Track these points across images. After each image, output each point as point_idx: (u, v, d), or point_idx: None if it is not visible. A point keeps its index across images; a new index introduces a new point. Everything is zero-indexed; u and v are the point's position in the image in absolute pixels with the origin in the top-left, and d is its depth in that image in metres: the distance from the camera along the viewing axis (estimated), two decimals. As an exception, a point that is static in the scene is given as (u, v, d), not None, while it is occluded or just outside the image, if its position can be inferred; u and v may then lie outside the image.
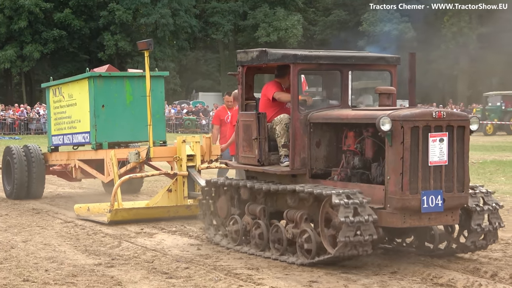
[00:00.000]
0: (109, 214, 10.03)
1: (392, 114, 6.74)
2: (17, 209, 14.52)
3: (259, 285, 8.25)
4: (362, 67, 8.73)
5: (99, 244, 10.74)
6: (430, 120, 6.79)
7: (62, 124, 13.25)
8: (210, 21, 63.34)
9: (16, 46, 55.32)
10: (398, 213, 6.81)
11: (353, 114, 7.67)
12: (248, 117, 8.40)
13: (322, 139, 8.07)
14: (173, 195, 10.92)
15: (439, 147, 6.86)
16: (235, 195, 8.85)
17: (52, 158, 13.78)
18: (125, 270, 8.89)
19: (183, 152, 10.81)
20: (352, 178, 7.63)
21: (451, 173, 6.93)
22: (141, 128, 11.86)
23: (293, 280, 8.59)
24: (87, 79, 11.74)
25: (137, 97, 11.96)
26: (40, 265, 8.96)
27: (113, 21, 57.15)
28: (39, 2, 54.50)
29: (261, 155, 8.20)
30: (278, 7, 60.86)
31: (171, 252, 10.06)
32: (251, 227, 8.35)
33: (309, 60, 8.03)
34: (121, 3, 56.49)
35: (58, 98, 13.26)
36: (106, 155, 11.77)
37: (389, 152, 6.85)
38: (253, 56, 8.48)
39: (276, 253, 7.81)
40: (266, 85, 8.63)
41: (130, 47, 56.90)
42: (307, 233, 7.40)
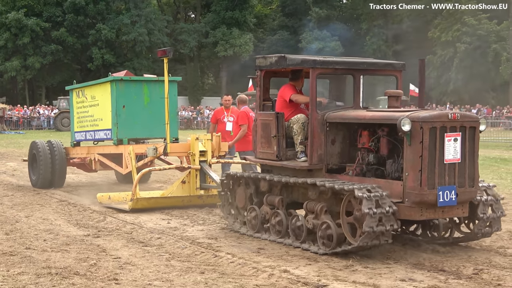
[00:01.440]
0: (130, 202, 10.04)
1: (411, 116, 6.62)
2: (21, 190, 14.80)
3: (218, 251, 8.59)
4: (373, 72, 8.66)
5: (88, 218, 11.09)
6: (446, 121, 6.71)
7: (84, 122, 13.20)
8: (179, 38, 69.44)
9: (20, 58, 60.12)
10: (416, 207, 6.65)
11: (371, 115, 7.51)
12: (267, 117, 8.25)
13: (337, 137, 7.86)
14: (186, 186, 10.81)
15: (453, 146, 6.74)
16: (253, 187, 8.60)
17: (72, 152, 13.84)
18: (109, 239, 9.30)
19: (196, 148, 10.69)
20: (367, 173, 7.43)
21: (463, 170, 6.83)
22: (157, 126, 11.88)
23: (245, 247, 8.96)
24: (109, 83, 11.79)
25: (154, 98, 11.94)
26: (39, 235, 9.35)
27: (100, 38, 62.71)
28: (39, 22, 59.84)
29: (280, 151, 7.98)
30: (234, 28, 67.23)
31: (146, 225, 10.42)
32: (270, 216, 8.15)
33: (326, 65, 7.88)
34: (106, 24, 62.72)
35: (81, 99, 13.26)
36: (125, 150, 11.67)
37: (408, 151, 6.67)
38: (272, 61, 8.28)
39: (296, 241, 7.61)
40: (282, 88, 8.45)
41: (114, 59, 63.71)
42: (328, 224, 7.19)
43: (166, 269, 7.54)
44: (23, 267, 7.39)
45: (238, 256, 8.27)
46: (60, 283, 6.70)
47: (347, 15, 70.54)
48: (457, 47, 57.43)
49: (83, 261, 7.77)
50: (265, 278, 7.15)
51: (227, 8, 67.94)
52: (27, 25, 57.73)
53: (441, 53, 60.54)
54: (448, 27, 60.96)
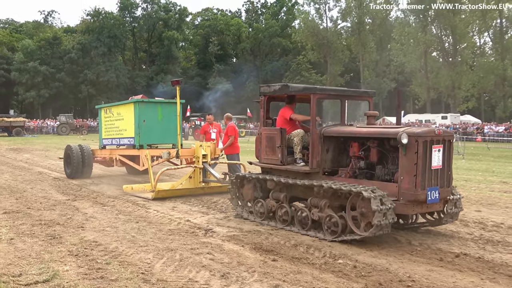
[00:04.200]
0: (153, 193, 10.22)
1: (408, 131, 6.39)
2: (30, 171, 16.43)
3: (148, 209, 9.41)
4: (354, 97, 8.34)
5: (69, 189, 12.32)
6: (433, 136, 6.45)
7: (110, 131, 13.46)
8: (135, 80, 79.50)
9: (36, 90, 71.50)
10: (410, 204, 6.41)
11: (366, 131, 7.17)
12: (271, 131, 7.91)
13: (330, 147, 7.53)
14: (192, 180, 10.98)
15: (438, 155, 6.49)
16: (259, 185, 8.29)
17: (97, 153, 14.25)
18: (82, 202, 10.30)
19: (199, 152, 10.73)
20: (359, 176, 7.23)
21: (443, 174, 6.67)
22: (167, 135, 12.27)
23: (165, 206, 9.68)
24: (133, 104, 12.19)
25: (165, 115, 12.19)
26: (37, 200, 10.26)
27: (86, 79, 74.11)
28: (48, 69, 71.60)
29: (283, 158, 7.67)
30: (168, 74, 76.52)
31: (106, 193, 11.52)
32: (276, 208, 7.82)
33: (323, 91, 7.72)
34: (90, 70, 73.66)
35: (108, 115, 13.53)
36: (141, 152, 11.75)
37: (403, 159, 6.37)
38: (276, 89, 7.91)
39: (302, 229, 7.27)
40: (282, 109, 8.23)
41: (95, 92, 74.33)
42: (333, 217, 6.85)
43: (115, 220, 8.40)
44: (23, 220, 8.26)
45: (160, 212, 9.26)
46: (46, 229, 7.57)
47: (235, 68, 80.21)
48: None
49: (63, 216, 8.69)
50: (175, 224, 8.12)
51: (164, 63, 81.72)
52: (40, 70, 70.76)
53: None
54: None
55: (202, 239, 6.98)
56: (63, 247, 6.38)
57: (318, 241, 7.05)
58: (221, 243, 6.79)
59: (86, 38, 75.10)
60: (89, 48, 74.76)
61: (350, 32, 65.11)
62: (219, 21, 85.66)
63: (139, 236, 7.09)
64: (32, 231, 7.23)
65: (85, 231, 7.35)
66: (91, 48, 74.66)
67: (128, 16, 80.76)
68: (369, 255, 6.33)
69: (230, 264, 5.76)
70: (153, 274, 5.30)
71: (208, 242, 6.83)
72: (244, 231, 7.52)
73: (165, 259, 5.90)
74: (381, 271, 5.57)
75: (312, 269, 5.66)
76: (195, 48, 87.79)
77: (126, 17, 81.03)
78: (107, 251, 6.22)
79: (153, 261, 5.78)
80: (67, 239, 6.81)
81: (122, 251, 6.24)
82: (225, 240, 6.98)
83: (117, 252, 6.18)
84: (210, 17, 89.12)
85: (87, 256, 5.96)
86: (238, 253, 6.28)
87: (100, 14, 76.89)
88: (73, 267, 5.53)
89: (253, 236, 7.19)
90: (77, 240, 6.79)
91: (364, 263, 5.88)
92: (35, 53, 71.93)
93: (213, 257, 6.00)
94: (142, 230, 7.45)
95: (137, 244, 6.58)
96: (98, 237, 6.96)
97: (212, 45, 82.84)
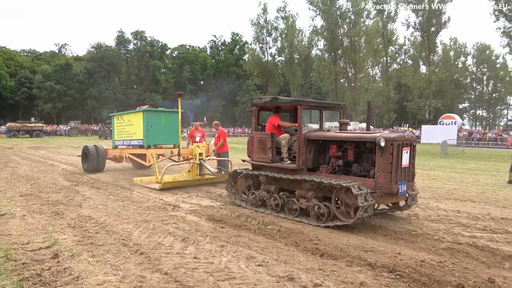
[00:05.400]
0: (159, 184, 9.27)
1: (384, 136, 5.81)
2: (44, 164, 15.44)
3: (132, 191, 9.07)
4: (330, 108, 7.47)
5: (73, 177, 11.70)
6: (403, 140, 5.84)
7: (122, 134, 12.34)
8: (128, 96, 73.34)
9: (52, 103, 68.04)
10: (384, 196, 5.82)
11: (345, 135, 6.44)
12: (263, 135, 7.19)
13: (312, 149, 6.83)
14: (190, 174, 10.09)
15: (406, 156, 5.89)
16: (252, 179, 7.56)
17: (110, 152, 13.01)
18: (82, 187, 9.78)
19: (196, 151, 9.84)
20: (338, 172, 6.53)
21: (410, 171, 6.08)
22: (170, 137, 11.35)
23: (145, 190, 9.14)
24: (142, 112, 11.17)
25: (168, 121, 11.21)
26: (47, 185, 9.72)
27: (91, 95, 69.91)
28: (61, 87, 67.40)
29: (273, 157, 7.00)
30: (153, 93, 74.28)
31: (102, 180, 10.98)
32: (267, 198, 7.07)
33: (307, 103, 6.95)
34: (94, 88, 69.60)
35: (120, 121, 12.43)
36: (148, 151, 10.80)
37: (380, 159, 5.75)
38: (266, 100, 7.20)
39: (291, 216, 6.49)
40: (271, 117, 7.44)
41: (97, 105, 70.09)
42: (319, 206, 6.16)
43: (106, 200, 8.10)
44: (35, 201, 7.85)
45: (141, 193, 8.99)
46: (52, 208, 7.22)
47: (202, 89, 78.08)
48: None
49: (66, 197, 8.28)
50: (152, 202, 7.89)
51: (150, 84, 76.36)
52: (55, 88, 67.39)
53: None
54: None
55: (170, 213, 6.84)
56: (64, 221, 6.14)
57: (255, 212, 7.03)
58: (184, 215, 6.69)
59: (91, 64, 72.23)
60: (93, 72, 71.77)
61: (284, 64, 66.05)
62: (190, 54, 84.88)
63: (123, 211, 6.89)
64: (41, 209, 6.92)
65: (82, 208, 7.08)
66: (94, 72, 71.70)
67: (123, 49, 77.90)
68: (290, 222, 6.36)
69: (189, 231, 5.69)
70: (131, 240, 5.18)
71: (174, 215, 6.71)
72: (202, 206, 7.42)
73: (141, 228, 5.76)
74: (298, 234, 5.63)
75: (249, 233, 5.66)
76: (173, 73, 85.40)
77: (121, 49, 77.75)
78: (97, 223, 6.02)
79: (132, 230, 5.64)
80: (67, 215, 6.56)
81: (109, 223, 6.06)
82: (187, 213, 6.87)
83: (105, 224, 5.99)
84: (184, 50, 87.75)
85: (82, 228, 5.76)
86: (196, 222, 6.20)
87: (101, 47, 74.08)
88: (70, 236, 5.33)
89: (208, 210, 7.11)
90: (75, 215, 6.54)
91: (286, 228, 5.92)
92: (51, 76, 68.91)
93: (177, 226, 5.92)
94: (126, 207, 7.24)
95: (121, 218, 6.40)
96: (92, 213, 6.72)
97: (185, 71, 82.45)
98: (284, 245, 5.06)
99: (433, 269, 4.32)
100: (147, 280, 3.94)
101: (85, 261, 4.42)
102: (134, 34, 77.03)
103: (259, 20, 65.62)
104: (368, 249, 4.97)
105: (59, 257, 4.52)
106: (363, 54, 56.93)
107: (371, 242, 5.28)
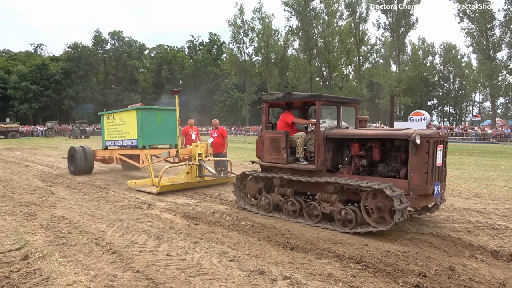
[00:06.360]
0: (157, 188, 8.43)
1: (420, 133, 5.22)
2: (18, 165, 14.79)
3: (108, 190, 8.89)
4: (347, 104, 6.61)
5: (48, 177, 11.25)
6: (438, 137, 5.25)
7: (113, 134, 11.25)
8: (106, 96, 71.79)
9: (28, 103, 65.37)
10: (419, 198, 5.21)
11: (372, 133, 5.78)
12: (276, 134, 6.47)
13: (330, 148, 6.15)
14: (189, 176, 9.28)
15: (440, 154, 5.36)
16: (263, 181, 6.77)
17: (98, 153, 12.01)
18: (57, 187, 9.55)
19: (195, 152, 9.07)
20: (361, 173, 5.92)
21: (442, 170, 5.52)
22: (165, 137, 10.33)
23: (122, 188, 8.96)
24: (136, 110, 10.12)
25: (164, 120, 10.23)
26: (21, 186, 9.40)
27: (68, 95, 67.26)
28: (38, 87, 65.05)
29: (288, 157, 6.32)
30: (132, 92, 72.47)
31: (77, 180, 10.59)
32: (283, 202, 6.33)
33: (326, 98, 6.10)
34: (71, 89, 67.16)
35: (111, 120, 11.30)
36: (141, 152, 9.90)
37: (414, 158, 5.17)
38: (279, 96, 6.47)
39: (312, 221, 5.83)
40: (283, 114, 6.70)
41: (74, 104, 67.55)
42: (345, 211, 5.48)
43: (81, 200, 7.88)
44: (7, 203, 7.56)
45: (117, 192, 8.79)
46: (24, 209, 6.97)
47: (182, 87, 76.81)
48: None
49: (40, 198, 8.03)
50: (127, 201, 7.73)
51: (128, 84, 74.16)
52: (31, 88, 65.02)
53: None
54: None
55: (145, 211, 6.74)
56: (36, 222, 5.94)
57: (230, 208, 6.94)
58: (159, 213, 6.60)
59: (68, 65, 69.86)
60: (70, 72, 69.48)
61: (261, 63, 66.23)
62: (168, 54, 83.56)
63: (98, 211, 6.73)
64: (13, 211, 6.65)
65: (56, 209, 6.86)
66: (71, 72, 69.41)
67: (100, 49, 76.16)
68: (263, 217, 6.38)
69: (164, 228, 5.62)
70: (104, 239, 5.07)
71: (149, 213, 6.62)
72: (177, 204, 7.32)
73: (115, 227, 5.65)
74: (270, 228, 5.63)
75: (223, 229, 5.64)
76: (151, 73, 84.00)
77: (99, 49, 76.01)
78: (71, 224, 5.85)
79: (106, 229, 5.52)
80: (40, 216, 6.35)
81: (83, 223, 5.91)
82: (162, 211, 6.79)
83: (79, 224, 5.83)
84: (162, 50, 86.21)
85: (55, 228, 5.59)
86: (171, 220, 6.14)
87: (78, 47, 71.87)
88: (42, 237, 5.16)
89: (183, 208, 7.02)
90: (48, 216, 6.34)
91: (259, 223, 5.93)
92: (27, 76, 66.12)
93: (152, 224, 5.84)
94: (101, 206, 7.07)
95: (95, 217, 6.25)
96: (66, 213, 6.53)
97: (164, 71, 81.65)
98: (257, 240, 5.07)
99: (397, 259, 4.39)
100: (118, 278, 3.86)
101: (56, 261, 4.31)
102: (112, 34, 75.42)
103: (236, 21, 65.51)
104: (337, 242, 5.03)
105: (29, 259, 4.38)
106: (336, 54, 57.65)
107: (341, 235, 5.34)
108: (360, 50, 58.83)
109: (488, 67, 46.71)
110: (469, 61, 70.88)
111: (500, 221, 6.04)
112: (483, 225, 5.87)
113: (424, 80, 68.13)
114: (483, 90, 62.56)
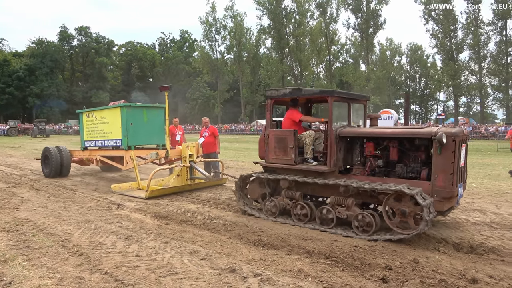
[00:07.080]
0: (146, 192, 7.85)
1: (446, 131, 4.82)
2: None
3: (75, 191, 8.57)
4: (356, 101, 6.05)
5: (11, 178, 10.82)
6: (462, 135, 4.91)
7: (93, 134, 10.28)
8: (73, 94, 70.38)
9: None
10: (443, 201, 4.82)
11: (391, 131, 5.34)
12: (282, 133, 5.98)
13: (342, 147, 5.71)
14: (180, 178, 8.79)
15: (463, 154, 5.05)
16: (267, 184, 6.32)
17: (75, 154, 11.11)
18: (20, 188, 9.23)
19: (186, 153, 8.61)
20: (377, 174, 5.53)
21: (465, 170, 5.23)
22: (152, 136, 9.53)
23: (89, 189, 8.86)
24: (120, 108, 9.24)
25: (150, 118, 9.43)
26: None
27: (32, 93, 65.09)
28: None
29: (296, 158, 5.83)
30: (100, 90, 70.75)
31: (42, 181, 10.23)
32: (291, 206, 5.89)
33: (338, 94, 5.61)
34: (36, 86, 65.21)
35: (91, 118, 10.31)
36: (126, 153, 9.09)
37: (438, 158, 4.80)
38: (285, 92, 6.00)
39: (323, 227, 5.43)
40: (289, 112, 6.20)
41: (39, 102, 65.31)
42: (363, 215, 5.11)
43: (46, 201, 7.61)
44: (-35, 206, 7.55)
45: (84, 193, 8.55)
46: None
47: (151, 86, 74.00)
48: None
49: (1, 200, 7.67)
50: (95, 202, 7.52)
51: (96, 81, 71.98)
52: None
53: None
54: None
55: (114, 212, 6.59)
56: (-3, 225, 5.90)
57: (201, 207, 6.82)
58: (129, 213, 6.48)
59: (32, 61, 67.66)
60: (34, 69, 67.25)
61: (233, 62, 66.24)
62: (138, 51, 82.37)
63: (64, 212, 6.51)
64: (-28, 215, 6.56)
65: (19, 211, 6.59)
66: (36, 68, 67.22)
67: (66, 45, 73.99)
68: (235, 215, 6.37)
69: (133, 229, 5.52)
70: (70, 241, 4.92)
71: (119, 213, 6.48)
72: (148, 204, 7.19)
73: (82, 229, 5.50)
74: (242, 226, 5.65)
75: (194, 228, 5.60)
76: (121, 70, 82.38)
77: (65, 45, 73.92)
78: (35, 226, 5.65)
79: (73, 231, 5.36)
80: (1, 219, 6.05)
81: (48, 225, 5.71)
82: (132, 211, 6.67)
83: (44, 226, 5.63)
84: (132, 47, 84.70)
85: (18, 231, 5.36)
86: (141, 220, 6.04)
87: (43, 42, 69.68)
88: (3, 241, 4.93)
89: (154, 207, 6.91)
90: (11, 218, 6.08)
91: (231, 221, 5.93)
92: (-14, 72, 65.33)
93: (121, 225, 5.72)
94: (67, 208, 6.85)
95: (61, 219, 6.05)
96: (30, 215, 6.29)
97: (133, 69, 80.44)
98: (228, 238, 5.07)
99: (365, 253, 4.52)
100: (86, 281, 3.76)
101: (20, 265, 4.14)
102: (78, 30, 73.16)
103: (208, 18, 65.19)
104: (308, 238, 5.10)
105: (-10, 263, 4.33)
106: (308, 53, 58.51)
107: (311, 232, 5.41)
108: (331, 49, 60.04)
109: (452, 67, 48.79)
110: (434, 62, 73.69)
111: (462, 215, 6.26)
112: (445, 219, 6.05)
113: (391, 80, 70.47)
114: (447, 89, 65.34)
